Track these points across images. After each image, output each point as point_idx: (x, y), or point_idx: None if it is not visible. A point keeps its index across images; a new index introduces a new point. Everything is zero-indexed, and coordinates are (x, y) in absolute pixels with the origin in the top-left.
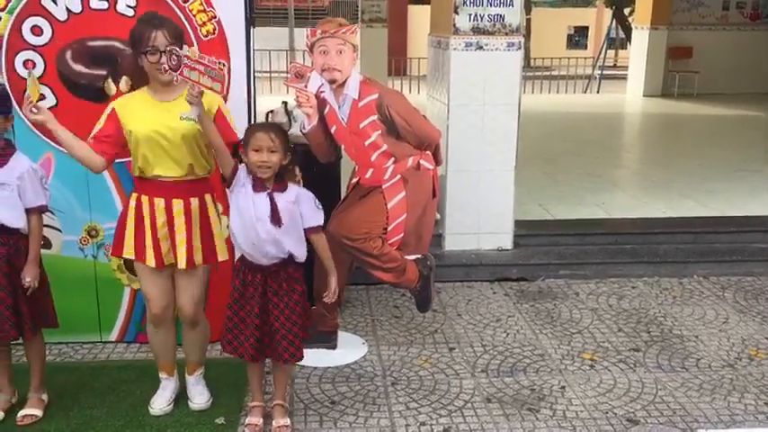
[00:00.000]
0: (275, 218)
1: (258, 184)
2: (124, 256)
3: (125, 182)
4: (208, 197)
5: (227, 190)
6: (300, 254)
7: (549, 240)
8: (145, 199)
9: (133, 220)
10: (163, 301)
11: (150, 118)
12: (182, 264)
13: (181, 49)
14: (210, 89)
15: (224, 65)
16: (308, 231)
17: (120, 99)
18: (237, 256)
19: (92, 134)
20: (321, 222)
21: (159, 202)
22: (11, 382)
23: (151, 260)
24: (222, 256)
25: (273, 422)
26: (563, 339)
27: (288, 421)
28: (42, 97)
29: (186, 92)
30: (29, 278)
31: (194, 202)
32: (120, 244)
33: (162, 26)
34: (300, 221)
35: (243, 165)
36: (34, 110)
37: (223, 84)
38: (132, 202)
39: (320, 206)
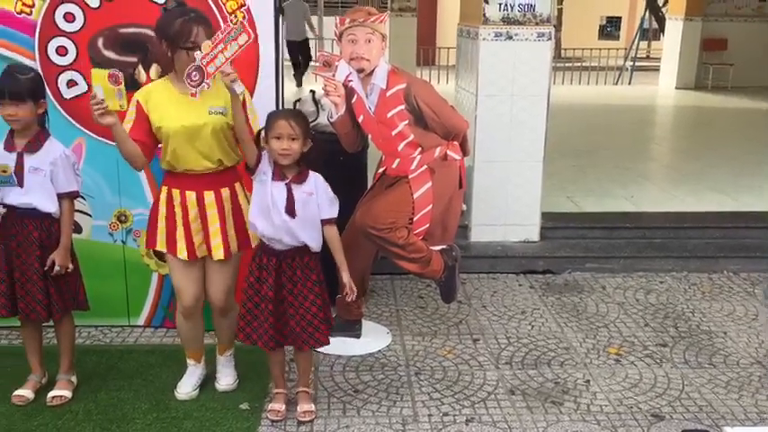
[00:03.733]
0: (290, 209)
1: (277, 173)
2: (158, 248)
3: (155, 168)
4: (237, 185)
5: (252, 178)
6: (315, 244)
7: (577, 233)
8: (176, 192)
9: (164, 213)
10: (194, 294)
11: (178, 114)
12: (218, 255)
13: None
14: (243, 47)
15: (238, 18)
16: (322, 223)
17: (143, 91)
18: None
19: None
20: (335, 215)
21: (191, 195)
22: (41, 364)
23: (183, 252)
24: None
25: (298, 407)
26: (588, 333)
27: (312, 407)
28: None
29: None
30: (58, 263)
31: (225, 192)
32: (154, 237)
33: (201, 22)
34: (317, 212)
35: (265, 152)
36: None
37: (248, 32)
38: (163, 196)
39: (335, 199)
